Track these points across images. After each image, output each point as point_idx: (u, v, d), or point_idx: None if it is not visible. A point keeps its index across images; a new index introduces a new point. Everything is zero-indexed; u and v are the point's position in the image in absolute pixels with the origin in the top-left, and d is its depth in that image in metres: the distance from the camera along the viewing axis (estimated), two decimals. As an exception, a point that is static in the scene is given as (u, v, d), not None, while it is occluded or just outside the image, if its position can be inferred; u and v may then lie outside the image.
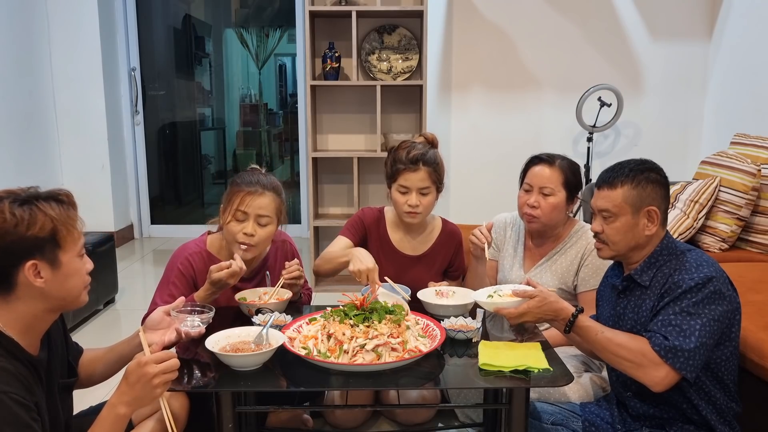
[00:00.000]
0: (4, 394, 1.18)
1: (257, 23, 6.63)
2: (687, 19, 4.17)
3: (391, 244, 2.26)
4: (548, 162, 2.12)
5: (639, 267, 1.64)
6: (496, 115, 4.32)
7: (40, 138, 4.45)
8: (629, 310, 1.66)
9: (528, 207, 2.12)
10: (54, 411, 1.38)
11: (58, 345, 1.45)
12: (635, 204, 1.61)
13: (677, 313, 1.50)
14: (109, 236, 3.56)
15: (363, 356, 1.48)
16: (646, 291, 1.62)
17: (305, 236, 5.07)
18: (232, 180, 1.95)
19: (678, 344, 1.46)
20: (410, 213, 2.14)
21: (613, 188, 1.64)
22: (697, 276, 1.52)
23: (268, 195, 1.89)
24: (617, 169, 1.66)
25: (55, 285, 1.28)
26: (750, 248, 2.98)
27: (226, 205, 1.90)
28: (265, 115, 7.03)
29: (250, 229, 1.86)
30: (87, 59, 4.56)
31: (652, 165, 1.66)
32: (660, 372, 1.47)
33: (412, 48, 4.00)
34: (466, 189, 4.38)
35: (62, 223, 1.27)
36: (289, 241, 2.14)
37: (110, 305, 3.63)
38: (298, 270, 1.92)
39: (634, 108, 4.23)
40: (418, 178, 2.11)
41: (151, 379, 1.28)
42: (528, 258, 2.24)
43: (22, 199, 1.26)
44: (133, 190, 5.20)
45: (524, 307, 1.63)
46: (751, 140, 3.12)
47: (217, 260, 1.93)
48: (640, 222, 1.61)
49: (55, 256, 1.27)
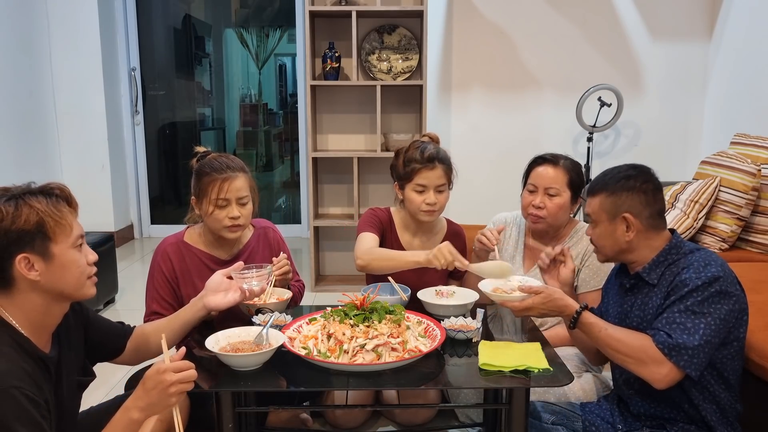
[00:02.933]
0: (15, 389, 1.19)
1: (257, 23, 6.63)
2: (687, 19, 4.17)
3: (400, 245, 2.25)
4: (552, 162, 2.12)
5: (647, 266, 1.65)
6: (496, 115, 4.32)
7: (40, 138, 4.45)
8: (636, 308, 1.66)
9: (533, 208, 2.12)
10: (62, 409, 1.38)
11: (73, 343, 1.46)
12: (610, 211, 1.64)
13: (682, 312, 1.50)
14: (109, 236, 3.57)
15: (363, 356, 1.48)
16: (654, 289, 1.62)
17: (305, 236, 5.07)
18: (199, 170, 1.95)
19: (681, 341, 1.47)
20: (428, 211, 2.14)
21: (593, 195, 1.69)
22: (704, 275, 1.52)
23: (240, 176, 1.94)
24: (600, 177, 1.70)
25: (52, 277, 1.30)
26: (750, 248, 2.98)
27: (202, 196, 1.92)
28: (265, 115, 7.03)
29: (235, 212, 1.92)
30: (87, 59, 4.56)
31: (633, 172, 1.66)
32: (663, 369, 1.48)
33: (412, 48, 4.00)
34: (466, 189, 4.35)
35: (49, 215, 1.28)
36: (272, 227, 2.16)
37: (110, 305, 3.63)
38: (287, 264, 1.96)
39: (634, 108, 4.23)
40: (436, 176, 2.12)
41: (168, 387, 1.29)
42: (528, 258, 2.24)
43: (11, 195, 1.28)
44: (133, 190, 5.20)
45: (529, 302, 1.64)
46: (751, 140, 3.12)
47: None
48: (617, 228, 1.64)
49: (46, 248, 1.29)
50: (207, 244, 2.01)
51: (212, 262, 1.98)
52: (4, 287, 1.29)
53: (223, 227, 1.92)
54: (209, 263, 1.99)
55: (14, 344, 1.27)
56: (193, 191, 1.96)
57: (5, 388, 1.19)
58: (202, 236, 2.02)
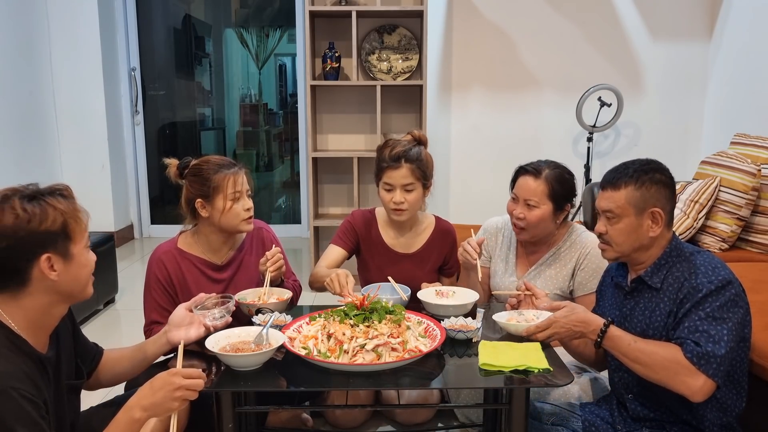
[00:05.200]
0: (14, 390, 1.19)
1: (257, 23, 6.63)
2: (687, 19, 4.17)
3: (384, 243, 2.26)
4: (534, 174, 2.08)
5: (649, 269, 1.62)
6: (496, 115, 4.32)
7: (40, 138, 4.45)
8: (638, 312, 1.65)
9: (514, 218, 2.11)
10: (60, 410, 1.38)
11: (67, 345, 1.46)
12: (639, 205, 1.59)
13: (703, 319, 1.48)
14: (109, 236, 3.57)
15: (363, 356, 1.48)
16: (659, 294, 1.60)
17: (305, 236, 5.07)
18: (200, 174, 1.95)
19: (710, 350, 1.44)
20: (396, 210, 2.15)
21: (616, 189, 1.61)
22: (716, 279, 1.50)
23: (242, 171, 2.00)
24: (621, 170, 1.63)
25: (67, 277, 1.31)
26: (750, 248, 2.98)
27: (215, 195, 1.92)
28: (265, 115, 7.02)
29: (249, 202, 1.98)
30: (87, 59, 4.56)
31: (657, 165, 1.63)
32: (697, 381, 1.44)
33: (412, 48, 4.00)
34: (466, 189, 4.38)
35: (71, 216, 1.31)
36: (265, 227, 2.17)
37: (110, 305, 3.63)
38: (280, 257, 1.96)
39: (634, 108, 4.23)
40: (401, 175, 2.11)
41: (175, 390, 1.30)
42: (520, 264, 2.22)
43: (29, 195, 1.28)
44: (133, 190, 5.20)
45: (551, 318, 1.61)
46: (751, 140, 3.12)
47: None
48: (644, 223, 1.59)
49: (67, 248, 1.30)
50: (202, 250, 2.02)
51: (207, 268, 1.99)
52: (16, 286, 1.28)
53: (241, 220, 1.96)
54: (204, 269, 1.99)
55: (11, 345, 1.27)
56: (197, 194, 1.95)
57: (4, 389, 1.18)
58: (196, 242, 2.02)
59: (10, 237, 1.24)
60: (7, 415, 1.17)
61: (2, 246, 1.24)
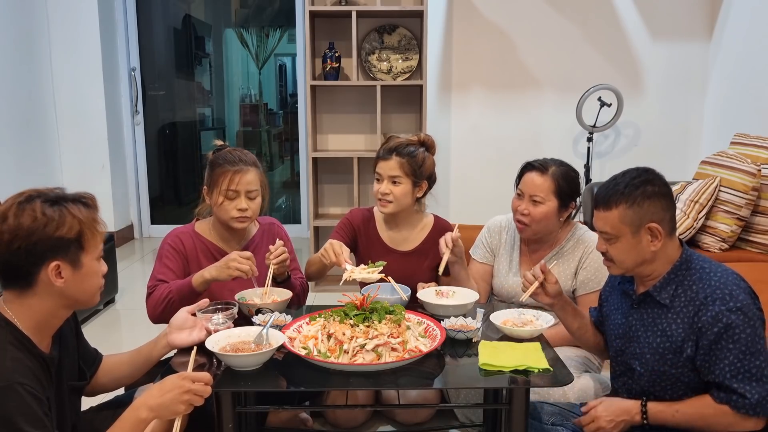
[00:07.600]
0: (20, 385, 1.20)
1: (257, 23, 6.63)
2: (687, 19, 4.17)
3: (381, 241, 2.27)
4: (540, 170, 2.09)
5: (658, 284, 1.59)
6: (496, 115, 4.32)
7: (40, 138, 4.45)
8: (644, 326, 1.62)
9: (519, 214, 2.12)
10: (62, 410, 1.39)
11: (70, 346, 1.47)
12: (634, 223, 1.54)
13: (738, 356, 1.46)
14: (109, 236, 3.57)
15: (363, 356, 1.48)
16: (668, 312, 1.57)
17: (305, 236, 5.07)
18: (212, 161, 1.99)
19: (758, 396, 1.46)
20: (381, 201, 2.18)
21: (608, 209, 1.56)
22: (735, 306, 1.47)
23: (252, 170, 1.98)
24: (611, 187, 1.58)
25: (74, 286, 1.31)
26: (750, 248, 2.98)
27: (213, 187, 1.97)
28: (265, 115, 7.03)
29: (243, 204, 1.96)
30: (87, 59, 4.56)
31: (648, 176, 1.57)
32: (749, 422, 1.49)
33: (412, 48, 4.00)
34: (466, 189, 4.38)
35: (88, 226, 1.31)
36: (276, 223, 2.19)
37: (110, 305, 3.63)
38: (285, 251, 1.95)
39: (634, 108, 4.23)
40: (389, 167, 2.15)
41: (183, 393, 1.31)
42: (524, 262, 2.22)
43: (52, 200, 1.29)
44: (133, 190, 5.20)
45: (593, 414, 1.61)
46: (751, 140, 3.12)
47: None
48: (642, 239, 1.55)
49: (78, 257, 1.30)
50: (216, 237, 2.06)
51: (219, 255, 2.00)
52: (22, 287, 1.29)
53: (230, 218, 1.97)
54: (216, 255, 2.01)
55: (17, 342, 1.27)
56: (206, 181, 2.01)
57: (9, 384, 1.19)
58: (212, 229, 2.07)
59: (24, 239, 1.24)
60: (12, 410, 1.18)
61: (14, 247, 1.24)
